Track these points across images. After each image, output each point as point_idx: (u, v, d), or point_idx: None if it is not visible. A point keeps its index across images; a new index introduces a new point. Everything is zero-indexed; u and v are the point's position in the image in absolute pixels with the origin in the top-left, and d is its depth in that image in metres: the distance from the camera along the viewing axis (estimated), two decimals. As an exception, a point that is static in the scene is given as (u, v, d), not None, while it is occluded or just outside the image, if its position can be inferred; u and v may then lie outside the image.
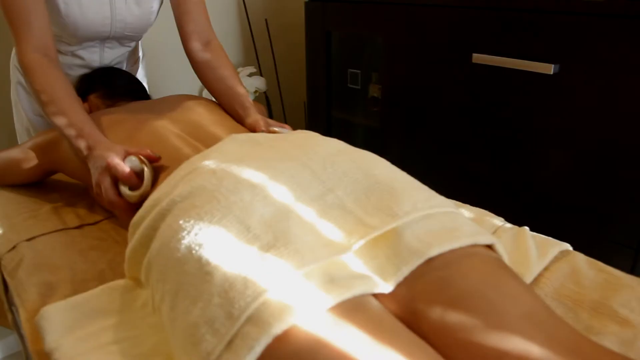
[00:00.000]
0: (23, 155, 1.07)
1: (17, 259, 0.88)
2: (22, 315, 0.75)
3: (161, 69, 1.82)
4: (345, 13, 1.60)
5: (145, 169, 0.81)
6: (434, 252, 0.61)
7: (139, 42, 1.41)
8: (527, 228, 0.92)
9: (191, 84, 1.96)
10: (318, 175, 0.70)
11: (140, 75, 1.45)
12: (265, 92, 2.00)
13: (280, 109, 2.11)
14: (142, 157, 0.82)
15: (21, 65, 0.96)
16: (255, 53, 1.96)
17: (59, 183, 1.16)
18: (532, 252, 0.84)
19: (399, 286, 0.61)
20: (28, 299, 0.78)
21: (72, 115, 0.90)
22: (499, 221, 0.95)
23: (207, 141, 0.94)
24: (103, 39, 1.20)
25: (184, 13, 1.15)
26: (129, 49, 1.33)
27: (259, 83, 1.92)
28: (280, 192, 0.66)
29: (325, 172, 0.70)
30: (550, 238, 0.89)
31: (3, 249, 0.92)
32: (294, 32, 2.09)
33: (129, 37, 1.25)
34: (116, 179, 0.82)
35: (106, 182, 0.82)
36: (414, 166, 0.98)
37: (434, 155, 1.44)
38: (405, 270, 0.61)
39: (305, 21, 1.69)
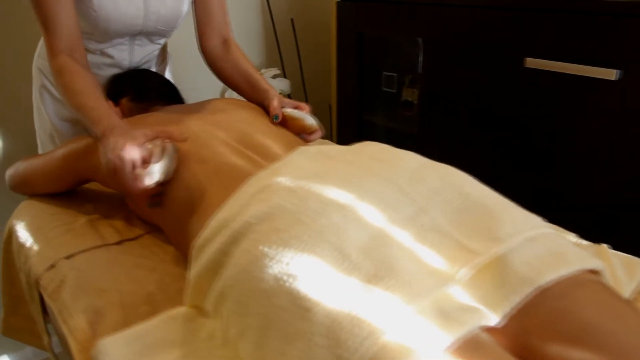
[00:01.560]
0: (55, 163, 0.99)
1: (58, 279, 0.81)
2: (73, 346, 0.68)
3: (184, 69, 1.75)
4: (379, 13, 1.53)
5: (168, 147, 0.79)
6: (545, 279, 0.56)
7: (166, 41, 1.34)
8: (606, 245, 0.86)
9: (213, 84, 1.89)
10: (407, 194, 0.63)
11: (168, 76, 1.38)
12: (289, 95, 1.93)
13: (303, 112, 2.04)
14: (163, 142, 0.80)
15: (50, 65, 0.95)
16: (279, 54, 1.89)
17: (92, 192, 1.08)
18: (620, 273, 0.78)
19: (508, 318, 0.55)
20: (77, 327, 0.70)
21: (100, 108, 0.87)
22: (573, 237, 0.89)
23: (258, 150, 0.87)
24: (134, 34, 1.14)
25: (204, 12, 1.17)
26: (158, 46, 1.26)
27: (283, 85, 1.85)
28: (371, 214, 0.59)
29: (414, 190, 0.64)
30: (633, 257, 0.83)
31: (40, 267, 0.85)
32: (319, 32, 2.02)
33: (160, 33, 1.19)
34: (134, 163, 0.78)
35: (126, 164, 0.76)
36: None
37: (477, 164, 1.37)
38: (515, 300, 0.55)
39: (336, 21, 1.62)
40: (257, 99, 1.08)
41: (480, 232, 0.60)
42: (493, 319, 0.55)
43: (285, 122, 1.00)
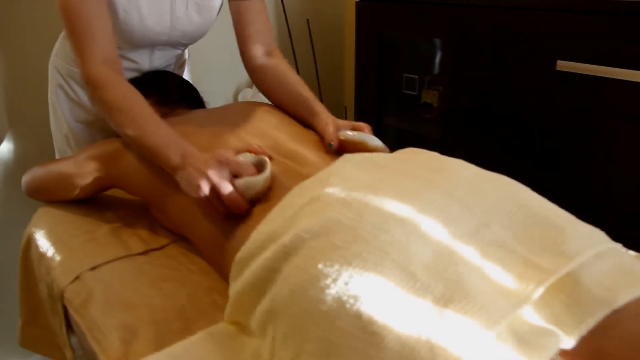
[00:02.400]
0: (77, 169, 0.95)
1: (84, 293, 0.77)
2: (107, 367, 0.64)
3: (194, 72, 1.71)
4: (400, 14, 1.49)
5: (265, 158, 0.72)
6: (622, 300, 0.52)
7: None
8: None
9: (225, 87, 1.85)
10: (467, 207, 0.59)
11: (187, 77, 1.34)
12: (303, 96, 1.89)
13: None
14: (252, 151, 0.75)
15: (86, 79, 0.86)
16: (294, 55, 1.85)
17: (111, 199, 1.04)
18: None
19: (581, 340, 0.52)
20: (110, 347, 0.66)
21: (157, 129, 0.80)
22: (631, 252, 0.86)
23: (292, 157, 0.83)
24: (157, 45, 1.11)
25: (245, 22, 1.06)
26: (179, 52, 1.22)
27: (298, 87, 1.81)
28: (433, 229, 0.56)
29: (474, 203, 0.60)
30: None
31: (65, 279, 0.80)
32: (334, 33, 1.98)
33: (183, 45, 1.16)
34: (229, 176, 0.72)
35: (222, 177, 0.71)
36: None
37: (503, 169, 1.34)
38: (592, 323, 0.51)
39: (355, 22, 1.58)
40: (306, 120, 0.97)
41: (547, 247, 0.57)
42: (568, 341, 0.51)
43: (345, 147, 0.87)
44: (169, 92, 1.10)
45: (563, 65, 1.16)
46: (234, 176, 0.72)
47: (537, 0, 1.20)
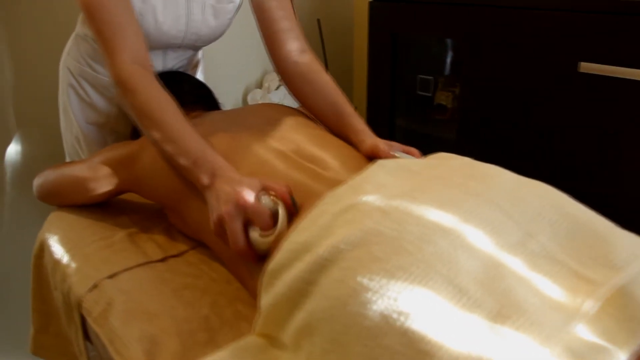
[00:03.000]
0: (91, 172, 0.92)
1: (104, 302, 0.74)
2: (132, 382, 0.62)
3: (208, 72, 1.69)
4: (414, 14, 1.47)
5: (280, 210, 0.66)
6: None
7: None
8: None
9: (235, 88, 1.83)
10: (510, 216, 0.57)
11: (200, 78, 1.31)
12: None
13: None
14: (275, 198, 0.68)
15: (116, 79, 0.82)
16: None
17: (125, 203, 1.01)
18: None
19: (633, 355, 0.49)
20: (133, 359, 0.64)
21: (187, 140, 0.76)
22: None
23: (315, 162, 0.80)
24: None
25: (271, 17, 0.99)
26: (193, 53, 1.20)
27: (308, 87, 1.78)
28: (479, 240, 0.53)
29: (517, 212, 0.58)
30: None
31: (82, 287, 0.78)
32: (343, 34, 1.96)
33: (197, 47, 1.13)
34: (247, 221, 0.67)
35: (236, 225, 0.66)
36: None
37: (522, 173, 1.32)
38: None
39: (368, 22, 1.55)
40: (345, 136, 0.90)
41: (594, 258, 0.55)
42: (621, 357, 0.49)
43: None
44: (184, 93, 1.07)
45: (586, 67, 1.13)
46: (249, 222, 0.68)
47: (557, 0, 1.18)
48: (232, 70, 1.77)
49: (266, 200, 0.67)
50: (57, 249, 0.88)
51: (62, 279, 0.83)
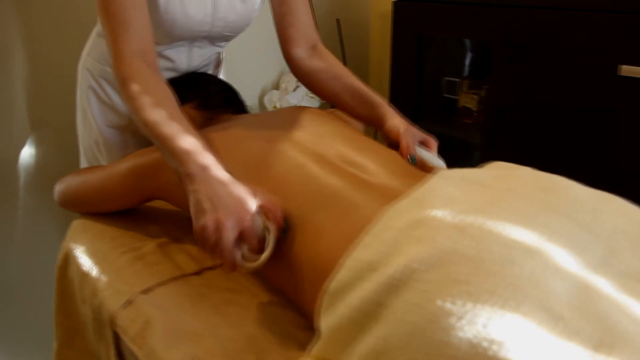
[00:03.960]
0: (117, 179, 0.88)
1: (141, 320, 0.70)
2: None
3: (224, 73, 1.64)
4: (439, 14, 1.43)
5: (271, 240, 0.64)
6: None
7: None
8: None
9: (250, 88, 1.78)
10: (592, 232, 0.53)
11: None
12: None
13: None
14: (268, 223, 0.65)
15: (117, 71, 0.79)
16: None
17: (152, 210, 0.97)
18: None
19: None
20: (180, 385, 0.59)
21: (183, 136, 0.72)
22: None
23: (354, 165, 0.76)
24: (197, 38, 1.03)
25: (286, 13, 1.00)
26: (219, 49, 1.15)
27: (326, 89, 1.74)
28: (564, 259, 0.49)
29: (598, 228, 0.54)
30: None
31: (115, 303, 0.73)
32: (361, 34, 1.91)
33: (225, 38, 1.08)
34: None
35: (230, 238, 0.63)
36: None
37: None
38: None
39: (392, 22, 1.51)
40: (371, 118, 0.92)
41: None
42: None
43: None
44: (211, 95, 1.03)
45: (628, 70, 1.10)
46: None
47: (593, 1, 1.14)
48: (248, 72, 1.73)
49: (258, 222, 0.65)
50: (85, 261, 0.83)
51: (92, 293, 0.78)
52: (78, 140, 1.20)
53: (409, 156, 0.79)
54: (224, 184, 0.67)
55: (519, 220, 0.52)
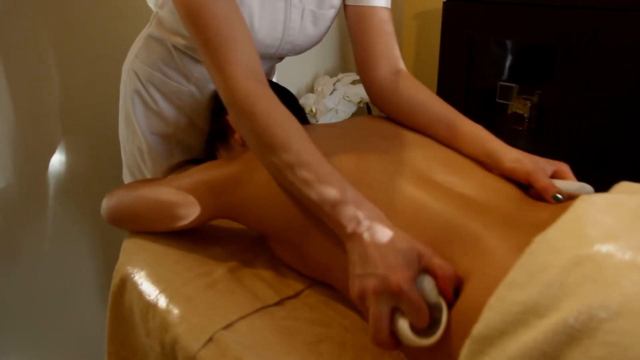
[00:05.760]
0: (180, 197, 0.79)
1: (229, 362, 0.61)
2: None
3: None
4: (491, 16, 1.35)
5: (444, 309, 0.54)
6: None
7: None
8: None
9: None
10: None
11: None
12: (368, 102, 1.75)
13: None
14: (439, 285, 0.55)
15: (232, 99, 0.69)
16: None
17: (214, 229, 0.88)
18: None
19: None
20: None
21: (321, 172, 0.63)
22: None
23: (461, 190, 0.68)
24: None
25: (366, 35, 0.89)
26: (278, 61, 1.08)
27: (364, 92, 1.66)
28: None
29: None
30: None
31: (194, 341, 0.64)
32: (399, 35, 1.83)
33: (286, 56, 1.01)
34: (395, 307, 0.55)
35: (382, 310, 0.54)
36: None
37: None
38: None
39: (441, 24, 1.44)
40: (476, 154, 0.77)
41: None
42: None
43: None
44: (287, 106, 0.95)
45: None
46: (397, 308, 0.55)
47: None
48: (282, 75, 1.65)
49: (429, 287, 0.54)
50: (149, 289, 0.74)
51: (162, 327, 0.69)
52: (120, 145, 1.11)
53: (552, 197, 0.68)
54: (377, 244, 0.57)
55: None
